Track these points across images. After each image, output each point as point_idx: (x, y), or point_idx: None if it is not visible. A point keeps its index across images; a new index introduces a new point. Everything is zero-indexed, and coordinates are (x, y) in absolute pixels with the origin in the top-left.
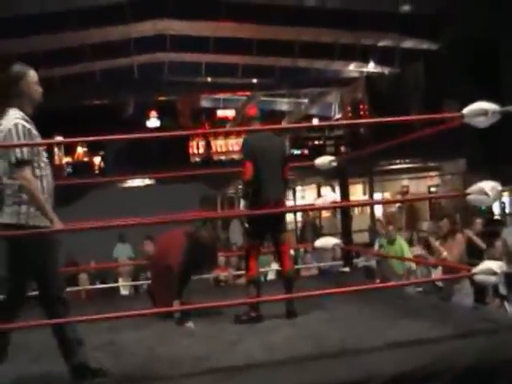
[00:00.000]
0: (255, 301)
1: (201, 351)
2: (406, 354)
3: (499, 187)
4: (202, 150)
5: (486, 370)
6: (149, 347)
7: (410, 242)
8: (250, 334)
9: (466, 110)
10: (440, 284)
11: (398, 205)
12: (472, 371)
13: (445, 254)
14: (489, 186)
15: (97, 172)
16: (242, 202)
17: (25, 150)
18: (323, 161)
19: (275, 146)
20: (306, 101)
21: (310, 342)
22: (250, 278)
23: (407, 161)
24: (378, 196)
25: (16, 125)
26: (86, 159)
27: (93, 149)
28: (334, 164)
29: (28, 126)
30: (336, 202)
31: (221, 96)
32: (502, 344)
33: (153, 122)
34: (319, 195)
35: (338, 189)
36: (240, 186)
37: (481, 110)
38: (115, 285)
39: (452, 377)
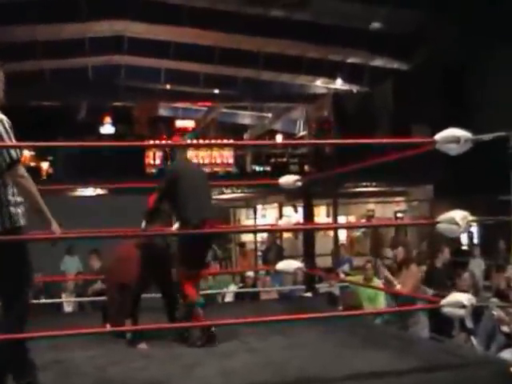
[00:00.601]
0: (211, 324)
1: (156, 374)
2: None
3: (470, 217)
4: (158, 161)
5: None
6: (99, 367)
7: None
8: (207, 359)
9: (438, 137)
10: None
11: (362, 229)
12: None
13: (398, 286)
14: (459, 215)
15: (44, 178)
16: (176, 224)
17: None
18: (288, 180)
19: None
20: (269, 115)
21: (270, 369)
22: (189, 303)
23: (374, 184)
24: (342, 219)
25: (1, 120)
26: (32, 164)
27: (40, 153)
28: (299, 184)
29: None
30: (299, 224)
31: (180, 105)
32: (469, 380)
33: (107, 128)
34: (281, 215)
35: (300, 209)
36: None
37: (453, 137)
38: (58, 300)
39: None
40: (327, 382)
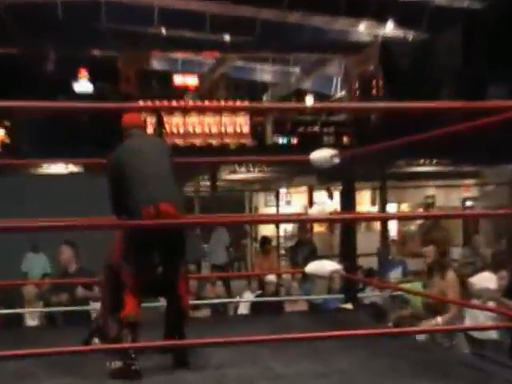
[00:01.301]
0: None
1: None
2: None
3: None
4: (151, 130)
5: None
6: None
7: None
8: None
9: None
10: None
11: (419, 222)
12: None
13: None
14: None
15: None
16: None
17: None
18: (321, 155)
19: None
20: (297, 70)
21: None
22: (124, 318)
23: (435, 162)
24: (392, 208)
25: None
26: None
27: None
28: (337, 160)
29: None
30: (336, 213)
31: (179, 56)
32: None
33: (83, 85)
34: (311, 202)
35: (337, 195)
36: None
37: None
38: (19, 311)
39: None
40: None
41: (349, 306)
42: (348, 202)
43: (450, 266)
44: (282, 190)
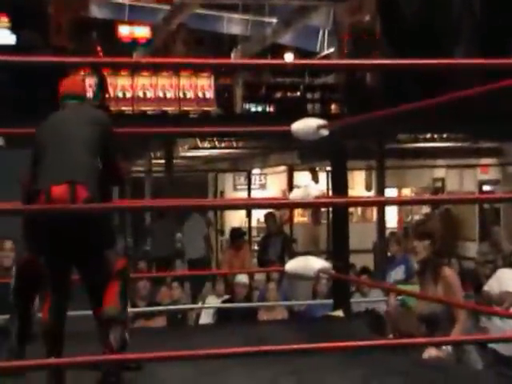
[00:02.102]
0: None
1: None
2: None
3: None
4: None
5: None
6: None
7: None
8: None
9: None
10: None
11: (425, 210)
12: None
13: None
14: None
15: None
16: None
17: None
18: (306, 126)
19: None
20: (273, 21)
21: None
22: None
23: (444, 137)
24: (391, 193)
25: None
26: None
27: None
28: (324, 133)
29: None
30: (324, 197)
31: (126, 1)
32: None
33: (2, 34)
34: (291, 186)
35: (323, 177)
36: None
37: None
38: None
39: None
40: None
41: (339, 313)
42: (339, 184)
43: (446, 265)
44: (255, 171)
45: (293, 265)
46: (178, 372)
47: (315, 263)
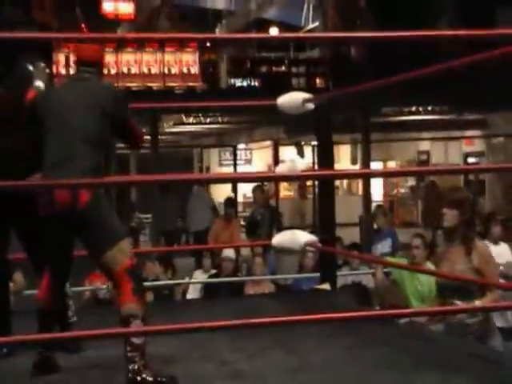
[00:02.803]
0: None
1: None
2: None
3: None
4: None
5: None
6: None
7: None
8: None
9: None
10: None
11: (410, 183)
12: None
13: None
14: None
15: None
16: None
17: None
18: (291, 100)
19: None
20: None
21: None
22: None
23: (429, 109)
24: (377, 166)
25: None
26: None
27: None
28: (310, 106)
29: None
30: (310, 170)
31: None
32: None
33: None
34: (277, 160)
35: (308, 151)
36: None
37: None
38: None
39: None
40: None
41: (326, 286)
42: (325, 158)
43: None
44: (241, 146)
45: (280, 239)
46: (165, 346)
47: (302, 237)
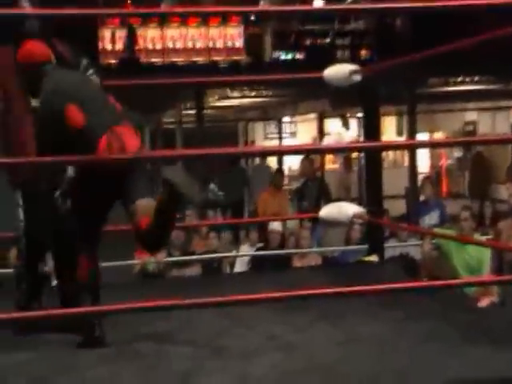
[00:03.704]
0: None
1: None
2: None
3: None
4: (120, 46)
5: None
6: None
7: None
8: (213, 363)
9: None
10: None
11: (457, 154)
12: None
13: None
14: None
15: None
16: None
17: None
18: (338, 72)
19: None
20: None
21: (316, 379)
22: (79, 280)
23: (476, 79)
24: (422, 137)
25: None
26: None
27: None
28: (358, 78)
29: None
30: (357, 142)
31: None
32: None
33: None
34: (322, 133)
35: (353, 124)
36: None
37: None
38: None
39: None
40: None
41: (373, 258)
42: (371, 130)
43: None
44: (286, 119)
45: (327, 211)
46: (212, 320)
47: (349, 208)
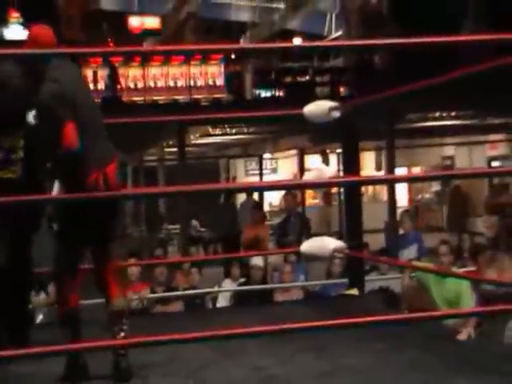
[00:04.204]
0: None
1: None
2: None
3: None
4: (101, 86)
5: None
6: None
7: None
8: None
9: None
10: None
11: (435, 188)
12: None
13: None
14: None
15: None
16: (56, 185)
17: None
18: (317, 109)
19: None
20: (281, 6)
21: None
22: (64, 312)
23: (453, 115)
24: (401, 172)
25: None
26: None
27: None
28: (337, 114)
29: None
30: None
31: None
32: None
33: (15, 30)
34: (302, 169)
35: (333, 159)
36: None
37: None
38: None
39: None
40: None
41: (354, 291)
42: (350, 165)
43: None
44: (266, 156)
45: (308, 245)
46: (196, 354)
47: (330, 243)
